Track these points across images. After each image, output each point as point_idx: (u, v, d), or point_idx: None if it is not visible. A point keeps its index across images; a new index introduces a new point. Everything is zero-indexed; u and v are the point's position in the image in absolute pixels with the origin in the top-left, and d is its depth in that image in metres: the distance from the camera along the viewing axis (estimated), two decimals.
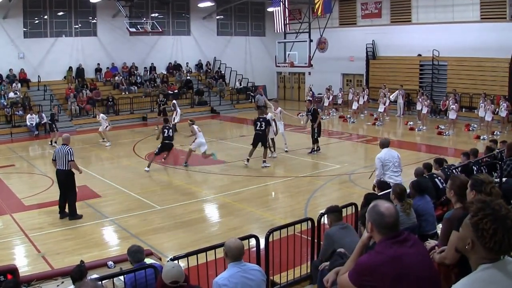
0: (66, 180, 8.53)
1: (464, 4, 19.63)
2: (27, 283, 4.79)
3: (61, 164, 8.48)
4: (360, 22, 24.56)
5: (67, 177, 8.54)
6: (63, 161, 8.46)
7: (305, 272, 5.51)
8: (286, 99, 28.39)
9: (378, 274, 2.34)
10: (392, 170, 7.74)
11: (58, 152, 8.57)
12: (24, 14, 20.81)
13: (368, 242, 2.69)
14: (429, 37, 20.72)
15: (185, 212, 8.95)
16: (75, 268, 4.32)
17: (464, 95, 19.64)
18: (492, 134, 15.61)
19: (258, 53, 28.45)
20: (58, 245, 7.31)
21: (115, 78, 22.95)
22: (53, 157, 8.74)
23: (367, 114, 21.46)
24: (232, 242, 3.64)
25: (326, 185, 10.74)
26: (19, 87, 20.01)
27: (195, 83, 25.21)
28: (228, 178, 11.55)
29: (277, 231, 5.23)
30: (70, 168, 8.53)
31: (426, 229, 5.35)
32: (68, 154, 8.47)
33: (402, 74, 22.32)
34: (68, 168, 8.50)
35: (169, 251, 6.87)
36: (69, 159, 8.46)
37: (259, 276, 3.64)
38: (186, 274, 3.82)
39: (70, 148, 8.66)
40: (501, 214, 1.81)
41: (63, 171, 8.49)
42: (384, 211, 2.47)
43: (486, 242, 1.80)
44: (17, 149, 15.88)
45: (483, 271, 1.83)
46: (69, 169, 8.52)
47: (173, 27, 25.41)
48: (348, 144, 15.87)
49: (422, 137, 16.62)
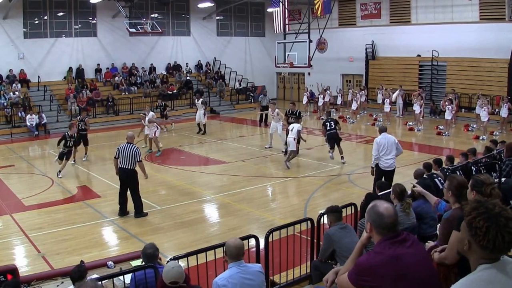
0: (128, 179, 8.45)
1: (463, 5, 19.65)
2: (27, 283, 4.80)
3: (126, 163, 8.39)
4: (360, 23, 24.60)
5: (131, 177, 8.45)
6: (130, 160, 8.37)
7: (305, 272, 5.52)
8: (285, 99, 28.39)
9: (377, 274, 2.35)
10: (385, 153, 8.67)
11: (123, 150, 8.43)
12: (24, 14, 20.83)
13: (367, 242, 2.70)
14: (429, 38, 20.75)
15: (184, 212, 8.96)
16: (74, 268, 4.33)
17: (463, 96, 19.67)
18: (491, 134, 15.63)
19: (258, 53, 28.49)
20: (58, 245, 7.32)
21: (115, 78, 22.97)
22: (115, 155, 8.63)
23: (366, 114, 21.50)
24: (232, 241, 3.65)
25: (326, 185, 10.75)
26: (19, 87, 20.02)
27: (195, 83, 25.23)
28: (227, 178, 11.56)
29: (277, 231, 5.23)
30: (135, 167, 8.45)
31: (427, 231, 5.35)
32: (137, 154, 8.40)
33: (402, 74, 22.36)
34: (133, 168, 8.42)
35: (169, 251, 6.88)
36: (137, 159, 8.42)
37: (260, 276, 3.64)
38: (186, 274, 3.82)
39: (137, 147, 8.60)
40: (494, 213, 1.82)
41: (128, 170, 8.41)
42: (383, 211, 2.48)
43: (480, 241, 1.81)
44: (17, 149, 15.88)
45: (482, 271, 1.84)
46: (134, 169, 8.44)
47: (173, 27, 25.43)
48: (348, 144, 15.86)
49: (421, 137, 16.64)
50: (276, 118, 14.23)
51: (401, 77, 22.21)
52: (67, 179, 11.46)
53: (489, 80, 19.03)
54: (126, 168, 8.43)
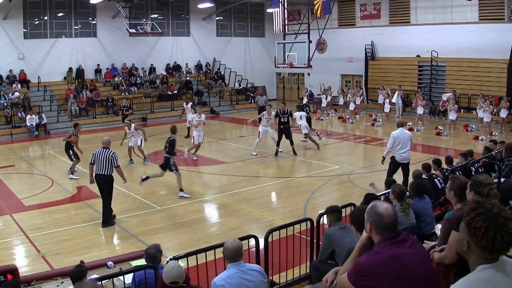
0: (105, 185, 8.14)
1: (462, 5, 19.67)
2: (27, 283, 4.81)
3: (103, 169, 8.08)
4: (359, 23, 24.61)
5: (108, 183, 8.16)
6: (106, 166, 8.05)
7: (305, 272, 5.53)
8: (285, 99, 28.37)
9: (377, 274, 2.36)
10: (401, 147, 9.01)
11: (99, 156, 8.09)
12: (24, 15, 20.84)
13: (367, 243, 2.71)
14: (428, 38, 20.77)
15: (184, 212, 8.97)
16: (74, 269, 4.33)
17: (462, 96, 19.68)
18: (491, 135, 15.64)
19: (258, 54, 28.50)
20: (58, 245, 7.33)
21: (115, 79, 22.98)
22: (91, 160, 8.29)
23: (366, 115, 21.50)
24: (230, 242, 3.64)
25: (325, 185, 10.75)
26: (19, 87, 20.03)
27: (195, 84, 25.24)
28: (227, 178, 11.56)
29: (277, 231, 5.24)
30: (112, 173, 8.13)
31: (425, 230, 5.38)
32: (113, 159, 8.07)
33: (401, 75, 22.37)
34: (110, 173, 8.11)
35: (168, 251, 6.87)
36: (114, 164, 8.10)
37: (259, 277, 3.63)
38: (186, 274, 3.83)
39: (114, 152, 8.22)
40: (493, 213, 1.82)
41: (105, 176, 8.10)
42: (383, 211, 2.49)
43: (479, 241, 1.81)
44: (17, 149, 15.89)
45: (481, 271, 1.84)
46: (111, 174, 8.13)
47: (172, 28, 25.45)
48: (347, 144, 15.89)
49: (421, 137, 16.65)
50: (270, 122, 13.84)
51: (401, 77, 22.23)
52: (67, 179, 11.46)
53: (488, 81, 19.05)
54: (103, 174, 8.09)
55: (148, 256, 4.52)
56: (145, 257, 4.61)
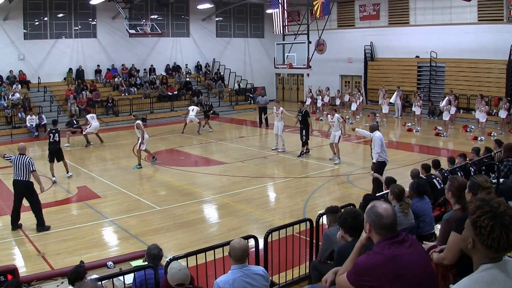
0: (26, 192, 8.15)
1: (461, 6, 19.70)
2: (27, 283, 4.81)
3: (20, 175, 8.09)
4: (359, 24, 24.64)
5: (29, 189, 8.14)
6: (24, 171, 8.08)
7: (304, 272, 5.55)
8: (284, 100, 28.45)
9: (376, 274, 2.37)
10: (383, 148, 9.14)
11: (17, 162, 8.15)
12: (24, 16, 20.85)
13: (366, 243, 2.72)
14: (427, 39, 20.81)
15: (184, 212, 8.97)
16: (72, 269, 4.34)
17: (461, 97, 19.71)
18: (489, 135, 15.66)
19: (257, 54, 28.53)
20: (58, 245, 7.34)
21: (115, 79, 22.99)
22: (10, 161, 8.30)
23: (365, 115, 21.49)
24: (237, 242, 3.63)
25: (325, 185, 10.77)
26: (19, 88, 20.03)
27: (195, 84, 25.25)
28: (227, 179, 11.58)
29: (276, 231, 5.26)
30: (30, 178, 8.16)
31: (424, 230, 5.39)
32: (30, 164, 8.12)
33: (400, 75, 22.40)
34: (28, 179, 8.14)
35: (168, 251, 6.88)
36: (31, 169, 8.13)
37: (262, 281, 3.62)
38: (191, 276, 3.83)
39: (30, 158, 8.27)
40: (500, 211, 1.81)
41: (23, 182, 8.10)
42: (382, 212, 2.50)
43: (485, 240, 1.80)
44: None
45: (484, 271, 1.84)
46: (29, 180, 8.16)
47: (172, 28, 25.47)
48: (347, 144, 15.89)
49: (420, 138, 16.67)
50: (279, 116, 14.05)
51: (400, 78, 22.25)
52: (67, 179, 11.47)
53: (488, 81, 19.08)
54: (21, 180, 8.08)
55: (152, 257, 4.51)
56: (147, 257, 4.59)
